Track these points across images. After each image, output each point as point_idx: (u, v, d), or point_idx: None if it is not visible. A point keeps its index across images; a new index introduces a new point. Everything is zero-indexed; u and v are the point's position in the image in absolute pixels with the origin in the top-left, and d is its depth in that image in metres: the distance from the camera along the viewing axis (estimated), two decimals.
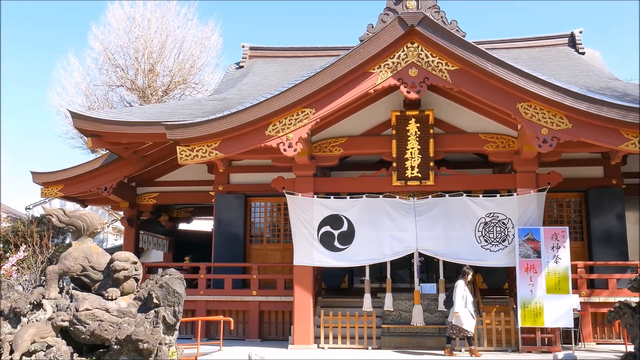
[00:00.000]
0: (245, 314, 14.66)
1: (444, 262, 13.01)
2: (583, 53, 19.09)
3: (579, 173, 14.65)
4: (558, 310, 11.93)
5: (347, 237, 13.01)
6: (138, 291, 7.28)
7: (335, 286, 16.39)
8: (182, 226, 22.09)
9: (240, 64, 20.66)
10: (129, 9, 28.12)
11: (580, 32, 19.88)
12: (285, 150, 12.04)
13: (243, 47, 21.21)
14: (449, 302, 11.99)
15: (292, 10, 63.51)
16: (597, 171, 14.91)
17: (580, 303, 12.79)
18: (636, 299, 8.48)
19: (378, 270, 14.97)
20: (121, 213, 18.92)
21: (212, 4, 43.67)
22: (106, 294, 7.10)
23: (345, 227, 13.05)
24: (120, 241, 26.45)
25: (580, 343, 12.83)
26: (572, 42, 19.79)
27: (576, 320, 12.49)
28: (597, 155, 14.55)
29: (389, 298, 12.90)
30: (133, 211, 17.44)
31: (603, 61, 19.04)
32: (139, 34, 27.77)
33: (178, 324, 7.13)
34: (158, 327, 6.79)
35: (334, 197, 13.26)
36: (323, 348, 12.76)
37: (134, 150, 14.89)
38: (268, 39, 65.49)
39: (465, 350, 12.16)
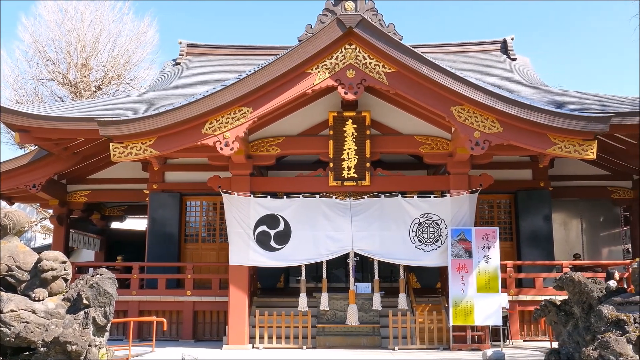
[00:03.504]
0: (179, 314, 14.46)
1: (379, 262, 13.19)
2: (514, 59, 19.68)
3: (509, 175, 15.10)
4: (488, 308, 12.27)
5: (284, 237, 13.01)
6: (67, 292, 7.09)
7: (271, 286, 16.37)
8: (115, 225, 21.58)
9: (177, 61, 20.34)
10: (62, 0, 27.29)
11: (512, 39, 20.51)
12: (221, 149, 11.94)
13: (180, 43, 20.89)
14: None
15: (231, 9, 63.04)
16: (526, 174, 15.41)
17: (509, 301, 13.18)
18: (561, 297, 8.80)
19: (314, 269, 15.04)
20: (50, 211, 18.32)
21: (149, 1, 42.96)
22: (33, 295, 6.88)
23: (281, 227, 13.05)
24: (49, 240, 25.59)
25: (508, 340, 13.24)
26: (504, 48, 20.38)
27: (505, 318, 12.88)
28: (527, 158, 15.06)
29: (324, 298, 12.97)
30: (63, 209, 16.93)
31: (533, 68, 19.70)
32: (72, 27, 26.96)
33: (109, 325, 6.99)
34: (88, 328, 6.64)
35: (271, 197, 13.24)
36: (258, 348, 12.72)
37: (65, 146, 14.43)
38: (206, 36, 64.81)
39: (400, 349, 12.38)
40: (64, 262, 7.16)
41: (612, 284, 11.21)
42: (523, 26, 58.92)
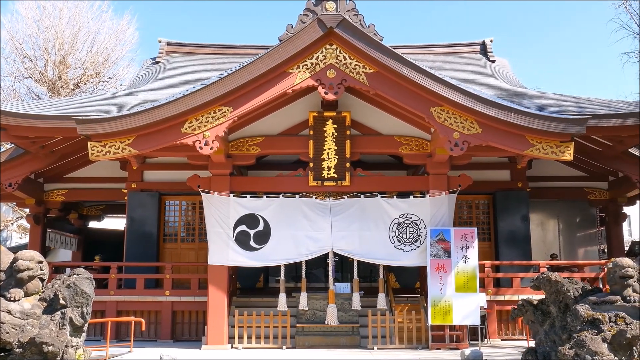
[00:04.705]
0: (157, 314, 14.37)
1: (359, 261, 13.21)
2: (493, 61, 19.86)
3: (487, 176, 15.22)
4: (466, 308, 12.37)
5: (263, 237, 12.98)
6: (44, 292, 7.02)
7: (250, 286, 16.33)
8: (93, 224, 21.40)
9: (157, 59, 20.20)
10: None
11: (491, 41, 20.68)
12: (201, 148, 11.88)
13: (160, 42, 20.75)
14: None
15: (212, 7, 62.84)
16: (505, 175, 15.55)
17: (487, 301, 13.27)
18: (538, 297, 8.90)
19: (293, 269, 15.03)
20: (27, 210, 18.11)
21: None
22: (8, 295, 6.80)
23: (261, 227, 13.02)
24: (25, 239, 25.28)
25: (486, 339, 13.35)
26: (484, 50, 20.54)
27: (483, 318, 12.98)
28: (505, 159, 15.19)
29: (303, 297, 12.97)
30: (40, 208, 16.74)
31: (512, 69, 19.88)
32: (50, 24, 26.67)
33: (86, 325, 6.94)
34: (64, 328, 6.58)
35: (251, 197, 13.21)
36: (237, 348, 12.69)
37: (42, 144, 14.28)
38: (186, 35, 64.51)
39: (379, 348, 12.43)
40: (41, 262, 7.09)
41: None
42: (502, 28, 59.44)
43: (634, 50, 21.73)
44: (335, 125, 13.21)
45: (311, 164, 13.24)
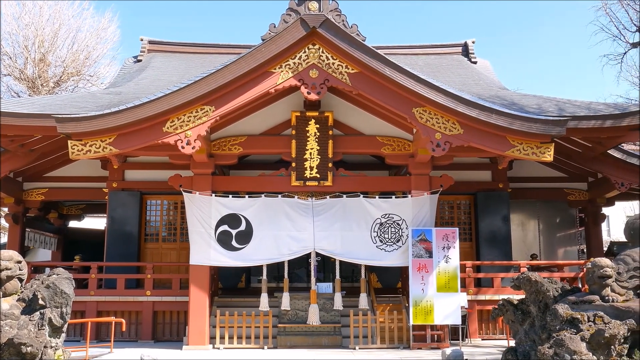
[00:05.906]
0: (138, 314, 14.26)
1: (341, 261, 13.22)
2: (475, 62, 19.96)
3: (469, 177, 15.30)
4: (447, 308, 12.44)
5: (245, 237, 12.96)
6: (22, 292, 6.95)
7: (232, 286, 16.28)
8: (73, 224, 21.19)
9: (139, 58, 20.06)
10: None
11: (473, 42, 20.80)
12: (183, 147, 11.82)
13: (142, 40, 20.60)
14: None
15: (195, 6, 62.56)
16: (486, 175, 15.65)
17: (468, 301, 13.34)
18: (518, 297, 8.97)
19: (275, 269, 15.01)
20: (5, 209, 17.90)
21: None
22: None
23: (243, 227, 12.99)
24: (4, 239, 24.97)
25: (467, 339, 13.43)
26: (466, 51, 20.64)
27: (464, 318, 13.06)
28: (486, 160, 15.29)
29: (285, 297, 12.96)
30: (19, 207, 16.56)
31: (493, 71, 20.02)
32: (30, 21, 26.39)
33: (65, 325, 6.88)
34: (43, 329, 6.52)
35: (233, 196, 13.17)
36: (218, 348, 12.64)
37: (22, 143, 14.10)
38: (169, 33, 64.16)
39: (360, 348, 12.45)
40: (19, 262, 7.02)
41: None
42: (484, 29, 59.85)
43: (613, 52, 22.00)
44: (317, 125, 13.22)
45: (293, 164, 13.23)
